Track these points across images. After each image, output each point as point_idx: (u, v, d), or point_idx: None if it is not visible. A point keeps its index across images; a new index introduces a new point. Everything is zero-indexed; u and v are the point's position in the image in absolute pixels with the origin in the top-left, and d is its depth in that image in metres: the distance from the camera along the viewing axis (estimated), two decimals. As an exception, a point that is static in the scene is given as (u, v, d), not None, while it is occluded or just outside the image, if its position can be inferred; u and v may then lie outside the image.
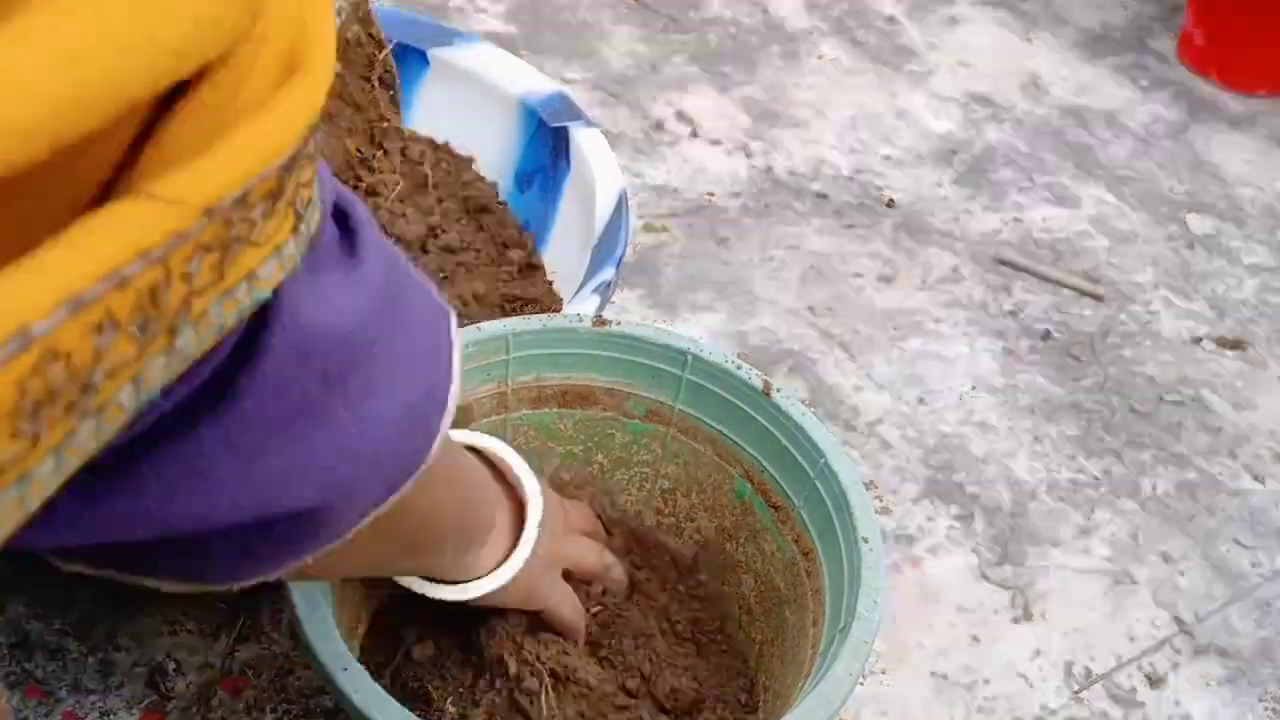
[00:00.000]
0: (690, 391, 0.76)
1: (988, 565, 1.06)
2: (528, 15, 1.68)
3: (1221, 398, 1.28)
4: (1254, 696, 0.99)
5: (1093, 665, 0.99)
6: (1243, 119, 1.75)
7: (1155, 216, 1.53)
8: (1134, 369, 1.30)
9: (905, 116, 1.64)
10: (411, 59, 1.02)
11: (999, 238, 1.45)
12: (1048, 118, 1.69)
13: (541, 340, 0.76)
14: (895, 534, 1.07)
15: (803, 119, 1.59)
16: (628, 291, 1.26)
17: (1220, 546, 1.11)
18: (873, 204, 1.47)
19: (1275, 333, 1.38)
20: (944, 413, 1.20)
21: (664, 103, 1.56)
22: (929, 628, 1.00)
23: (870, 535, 0.67)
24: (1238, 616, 1.05)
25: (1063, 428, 1.21)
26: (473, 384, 0.74)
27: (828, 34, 1.78)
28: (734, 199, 1.43)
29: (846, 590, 0.67)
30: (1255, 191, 1.61)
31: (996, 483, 1.14)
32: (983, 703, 0.95)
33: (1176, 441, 1.22)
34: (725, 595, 0.81)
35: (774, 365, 1.21)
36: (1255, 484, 1.18)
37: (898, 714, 0.93)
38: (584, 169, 0.93)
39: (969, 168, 1.56)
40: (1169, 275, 1.44)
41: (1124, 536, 1.11)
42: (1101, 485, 1.16)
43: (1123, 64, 1.84)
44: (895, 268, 1.38)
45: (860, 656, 0.61)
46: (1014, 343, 1.30)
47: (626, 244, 0.89)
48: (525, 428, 0.79)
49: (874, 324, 1.29)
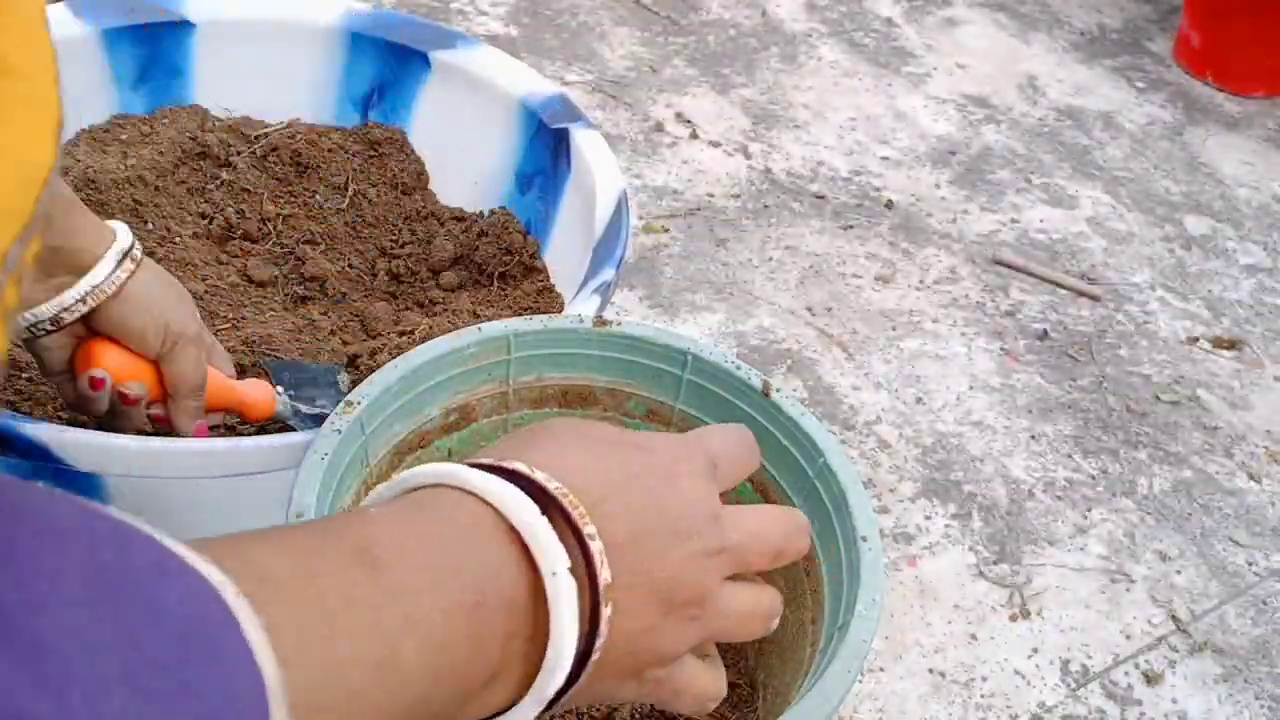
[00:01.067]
0: (690, 391, 0.77)
1: (985, 563, 1.06)
2: (528, 18, 1.69)
3: (1217, 397, 1.28)
4: (1250, 694, 1.00)
5: (1090, 663, 1.00)
6: (1239, 120, 1.76)
7: (1151, 217, 1.54)
8: (1130, 369, 1.31)
9: (903, 118, 1.65)
10: (413, 62, 1.03)
11: (996, 238, 1.46)
12: (1045, 119, 1.70)
13: (542, 340, 0.76)
14: (893, 532, 1.08)
15: (801, 120, 1.60)
16: (628, 292, 1.27)
17: (1216, 545, 1.12)
18: (871, 205, 1.47)
19: (1271, 333, 1.39)
20: (941, 412, 1.21)
21: (663, 104, 1.57)
22: (926, 626, 1.00)
23: (869, 534, 0.68)
24: (1234, 615, 1.06)
25: (1059, 427, 1.21)
26: (474, 384, 0.75)
27: (826, 36, 1.79)
28: (733, 200, 1.44)
29: (845, 589, 0.67)
30: (1251, 192, 1.62)
31: (994, 481, 1.14)
32: (980, 700, 0.96)
33: (1173, 441, 1.22)
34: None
35: (773, 365, 1.22)
36: (1251, 483, 1.19)
37: (895, 711, 0.94)
38: (584, 170, 0.94)
39: (966, 169, 1.57)
40: (1165, 276, 1.45)
41: (1120, 535, 1.12)
42: (1098, 484, 1.16)
43: (1119, 66, 1.85)
44: (893, 268, 1.38)
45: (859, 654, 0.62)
46: (1011, 342, 1.31)
47: (627, 245, 0.89)
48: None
49: (872, 324, 1.30)
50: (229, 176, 0.97)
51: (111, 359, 0.70)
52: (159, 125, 1.00)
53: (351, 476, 0.67)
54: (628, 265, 1.21)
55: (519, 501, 0.38)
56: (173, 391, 0.73)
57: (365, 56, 1.05)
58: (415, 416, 0.73)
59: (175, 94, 1.03)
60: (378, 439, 0.70)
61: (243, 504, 0.77)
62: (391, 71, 1.05)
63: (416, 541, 0.37)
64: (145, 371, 0.72)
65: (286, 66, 1.03)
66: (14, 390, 0.79)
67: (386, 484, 0.41)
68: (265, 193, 0.98)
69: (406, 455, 0.74)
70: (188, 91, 1.03)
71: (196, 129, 0.99)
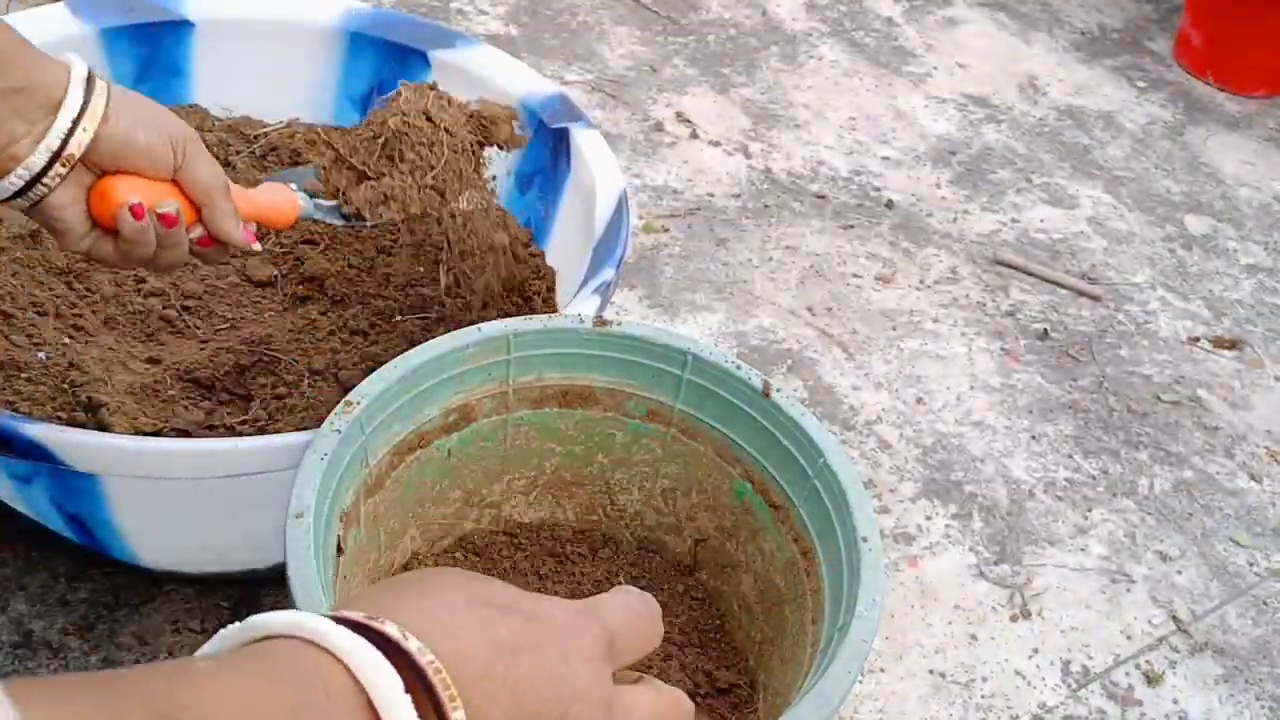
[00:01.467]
0: (690, 392, 0.77)
1: (985, 564, 1.06)
2: (528, 17, 1.68)
3: (1218, 397, 1.28)
4: (1251, 695, 1.00)
5: (1090, 663, 1.00)
6: (1239, 120, 1.76)
7: (1152, 217, 1.54)
8: (1131, 369, 1.30)
9: (903, 117, 1.64)
10: (412, 61, 1.03)
11: (997, 238, 1.45)
12: (1045, 119, 1.70)
13: (542, 340, 0.76)
14: (893, 533, 1.08)
15: (802, 120, 1.59)
16: (628, 291, 1.27)
17: (1217, 545, 1.12)
18: (871, 204, 1.47)
19: (1272, 332, 1.39)
20: (942, 412, 1.21)
21: (663, 104, 1.57)
22: (927, 626, 1.00)
23: (869, 534, 0.68)
24: (1234, 615, 1.06)
25: (1060, 427, 1.21)
26: (474, 384, 0.74)
27: (826, 36, 1.78)
28: (733, 200, 1.43)
29: (845, 589, 0.67)
30: (1252, 192, 1.62)
31: (994, 482, 1.14)
32: (980, 701, 0.96)
33: (1173, 441, 1.22)
34: (725, 594, 0.82)
35: (773, 365, 1.22)
36: (1252, 483, 1.19)
37: (896, 712, 0.94)
38: (584, 170, 0.94)
39: (967, 168, 1.57)
40: (1166, 275, 1.45)
41: (1121, 535, 1.11)
42: (1099, 484, 1.16)
43: (1120, 65, 1.85)
44: (893, 268, 1.38)
45: (859, 655, 0.62)
46: (1012, 342, 1.31)
47: (627, 244, 0.89)
48: (526, 427, 0.79)
49: (872, 324, 1.29)
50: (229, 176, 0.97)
51: (133, 186, 0.64)
52: (158, 125, 0.99)
53: (351, 476, 0.67)
54: (628, 265, 1.21)
55: (381, 673, 0.34)
56: (205, 199, 0.67)
57: (364, 56, 1.05)
58: (415, 416, 0.73)
59: (175, 93, 1.02)
60: (377, 439, 0.70)
61: (243, 504, 0.77)
62: (391, 71, 1.05)
63: (237, 709, 0.32)
64: (170, 190, 0.66)
65: (286, 66, 1.03)
66: (14, 390, 0.79)
67: (236, 627, 0.37)
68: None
69: (406, 455, 0.73)
70: (187, 91, 1.03)
71: (196, 128, 0.99)
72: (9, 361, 0.81)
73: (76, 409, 0.78)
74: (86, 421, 0.77)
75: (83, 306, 0.88)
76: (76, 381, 0.80)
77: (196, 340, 0.88)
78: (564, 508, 0.84)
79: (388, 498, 0.73)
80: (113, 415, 0.77)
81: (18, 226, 0.90)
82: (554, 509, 0.84)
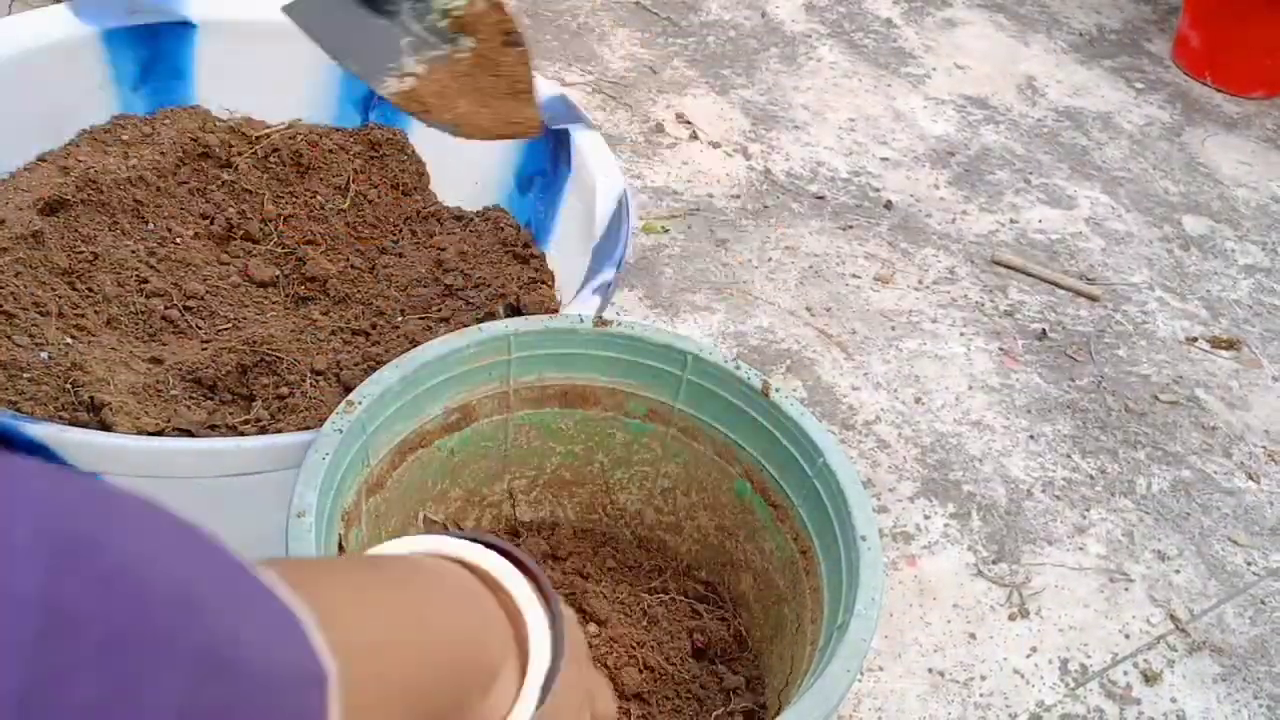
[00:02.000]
0: (690, 391, 0.77)
1: (984, 563, 1.07)
2: (528, 18, 1.69)
3: (1216, 397, 1.29)
4: (1249, 693, 1.00)
5: (1088, 662, 1.00)
6: (1237, 121, 1.77)
7: (1150, 218, 1.54)
8: (1129, 369, 1.31)
9: (902, 119, 1.65)
10: (413, 62, 1.03)
11: (995, 239, 1.46)
12: (1043, 120, 1.70)
13: (543, 341, 0.76)
14: (892, 532, 1.08)
15: (801, 121, 1.60)
16: (628, 292, 1.27)
17: (1215, 545, 1.12)
18: (870, 205, 1.47)
19: (1269, 332, 1.39)
20: (940, 412, 1.21)
21: (664, 105, 1.57)
22: (926, 625, 1.01)
23: (868, 534, 0.68)
24: (1232, 614, 1.06)
25: (1058, 427, 1.22)
26: (475, 384, 0.75)
27: (825, 37, 1.79)
28: (733, 200, 1.44)
29: (844, 588, 0.67)
30: (1250, 193, 1.62)
31: (992, 481, 1.15)
32: (979, 699, 0.96)
33: (1171, 440, 1.23)
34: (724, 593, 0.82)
35: (772, 365, 1.22)
36: (1249, 483, 1.19)
37: (894, 710, 0.94)
38: (584, 171, 0.94)
39: (965, 169, 1.57)
40: (1164, 276, 1.45)
41: (1119, 534, 1.12)
42: (1097, 484, 1.16)
43: (1118, 66, 1.85)
44: (892, 268, 1.39)
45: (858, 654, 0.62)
46: (1010, 343, 1.31)
47: (627, 245, 0.90)
48: (527, 427, 0.80)
49: (871, 324, 1.30)
50: (230, 177, 0.98)
51: None
52: (160, 126, 1.00)
53: (352, 476, 0.68)
54: (628, 265, 1.21)
55: (510, 575, 0.43)
56: None
57: (366, 57, 1.05)
58: (416, 416, 0.73)
59: (177, 95, 1.03)
60: (379, 439, 0.70)
61: (243, 504, 0.77)
62: (392, 72, 1.05)
63: (440, 588, 0.41)
64: None
65: (287, 67, 1.04)
66: (16, 390, 0.80)
67: (446, 540, 0.44)
68: (266, 193, 0.98)
69: (408, 454, 0.74)
70: (189, 92, 1.04)
71: (198, 130, 1.00)
72: (11, 361, 0.81)
73: (79, 409, 0.79)
74: (89, 421, 0.77)
75: (85, 307, 0.88)
76: (79, 381, 0.80)
77: (199, 340, 0.89)
78: (564, 507, 0.85)
79: (389, 497, 0.73)
80: (115, 415, 0.77)
81: (19, 227, 0.90)
82: (554, 508, 0.85)
